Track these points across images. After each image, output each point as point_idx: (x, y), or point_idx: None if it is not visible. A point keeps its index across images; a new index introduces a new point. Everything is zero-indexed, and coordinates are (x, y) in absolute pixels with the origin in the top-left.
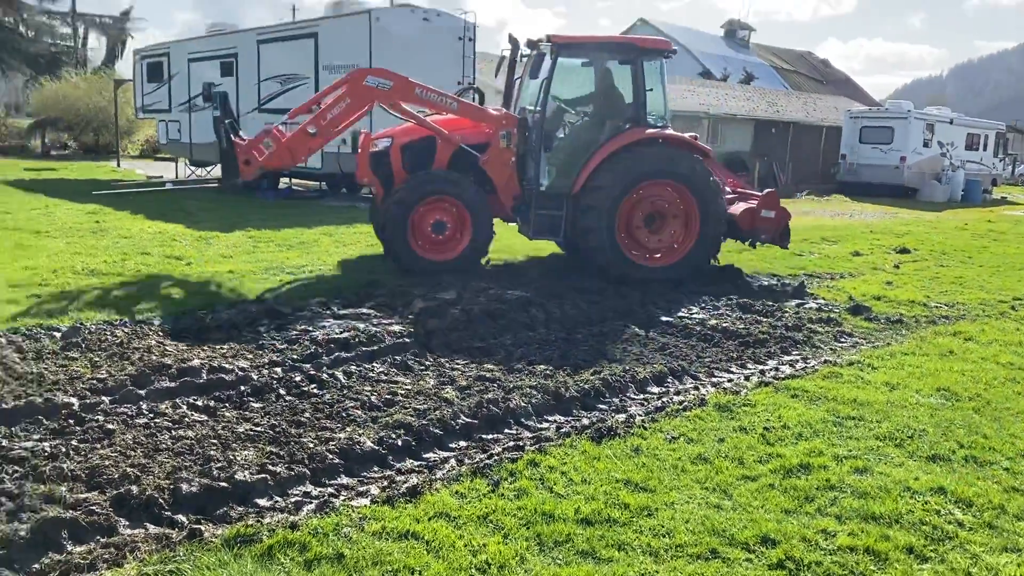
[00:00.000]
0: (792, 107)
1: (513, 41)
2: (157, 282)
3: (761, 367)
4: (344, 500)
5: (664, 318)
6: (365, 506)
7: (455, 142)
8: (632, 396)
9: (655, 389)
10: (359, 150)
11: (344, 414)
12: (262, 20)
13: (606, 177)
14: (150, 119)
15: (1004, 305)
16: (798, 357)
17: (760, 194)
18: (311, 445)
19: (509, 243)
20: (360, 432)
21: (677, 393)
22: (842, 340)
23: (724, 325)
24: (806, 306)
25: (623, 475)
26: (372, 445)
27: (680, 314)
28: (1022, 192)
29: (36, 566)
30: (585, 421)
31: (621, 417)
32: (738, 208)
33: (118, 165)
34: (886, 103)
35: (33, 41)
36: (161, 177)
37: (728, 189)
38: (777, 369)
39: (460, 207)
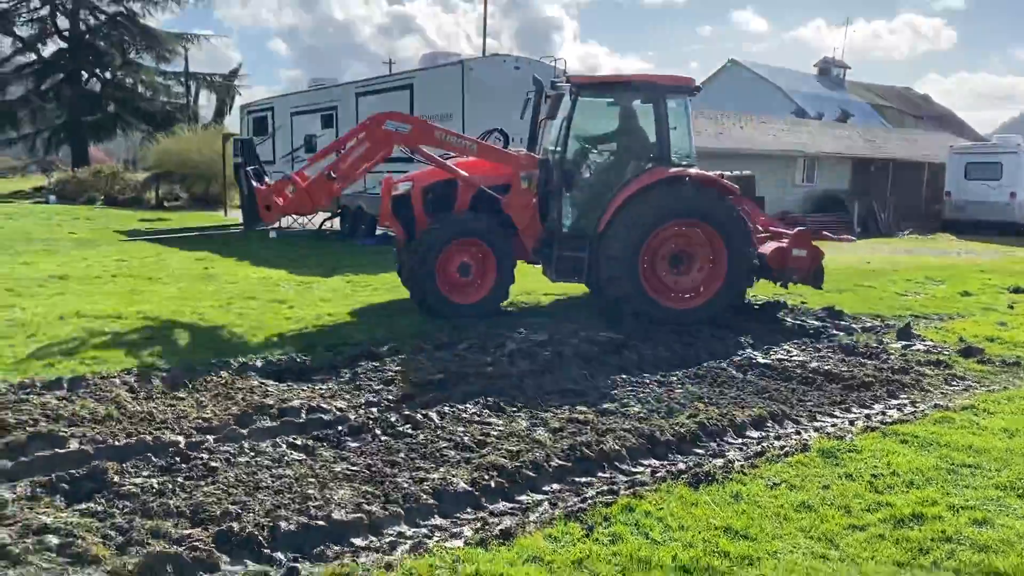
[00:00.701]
0: (892, 144)
1: (537, 83)
2: (261, 325)
3: (867, 411)
4: (437, 541)
5: (762, 360)
6: (459, 548)
7: (476, 184)
8: (730, 441)
9: (754, 434)
10: (383, 194)
11: (438, 454)
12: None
13: (629, 218)
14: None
15: None
16: (906, 401)
17: (791, 232)
18: (406, 485)
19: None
20: (454, 473)
21: (778, 438)
22: (953, 383)
23: (826, 368)
24: (913, 348)
25: (722, 522)
26: (465, 486)
27: (779, 356)
28: None
29: None
30: (681, 466)
31: (719, 462)
32: (768, 247)
33: (225, 214)
34: (993, 137)
35: (150, 100)
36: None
37: (760, 228)
38: (884, 413)
39: (486, 250)
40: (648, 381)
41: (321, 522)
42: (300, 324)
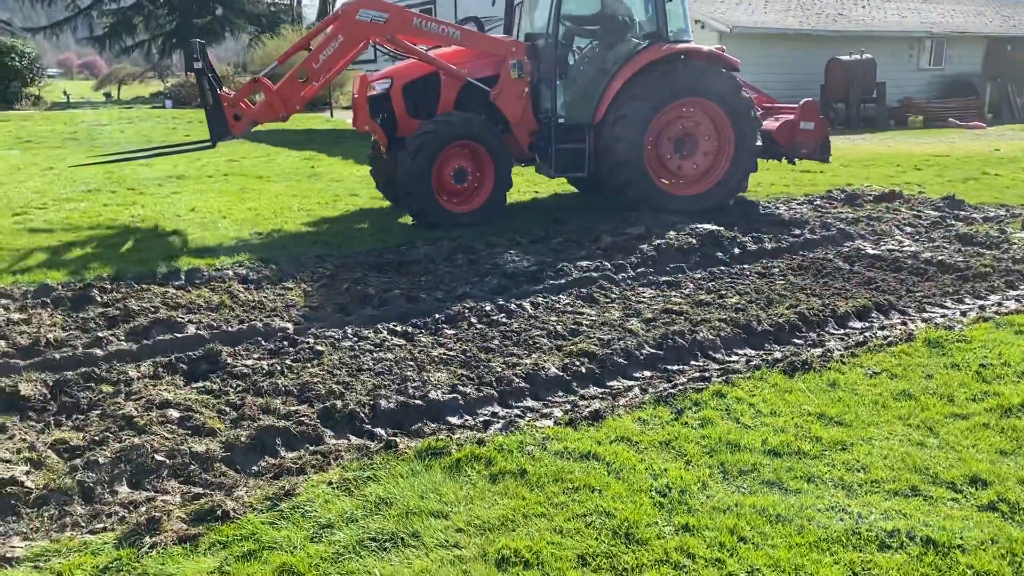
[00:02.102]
0: None
1: None
2: (363, 220)
3: (981, 302)
4: (529, 421)
5: (872, 251)
6: (549, 427)
7: (462, 76)
8: (831, 331)
9: (857, 324)
10: (355, 95)
11: (531, 342)
12: None
13: (629, 103)
14: (357, 70)
15: None
16: None
17: (795, 106)
18: (499, 369)
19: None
20: (545, 359)
21: (882, 328)
22: None
23: (940, 258)
24: None
25: (816, 408)
26: (556, 371)
27: (889, 247)
28: None
29: (254, 467)
30: (778, 355)
31: (817, 351)
32: (774, 123)
33: (331, 115)
34: None
35: (256, 2)
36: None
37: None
38: (1000, 304)
39: (481, 152)
40: (748, 273)
41: (418, 401)
42: (401, 219)
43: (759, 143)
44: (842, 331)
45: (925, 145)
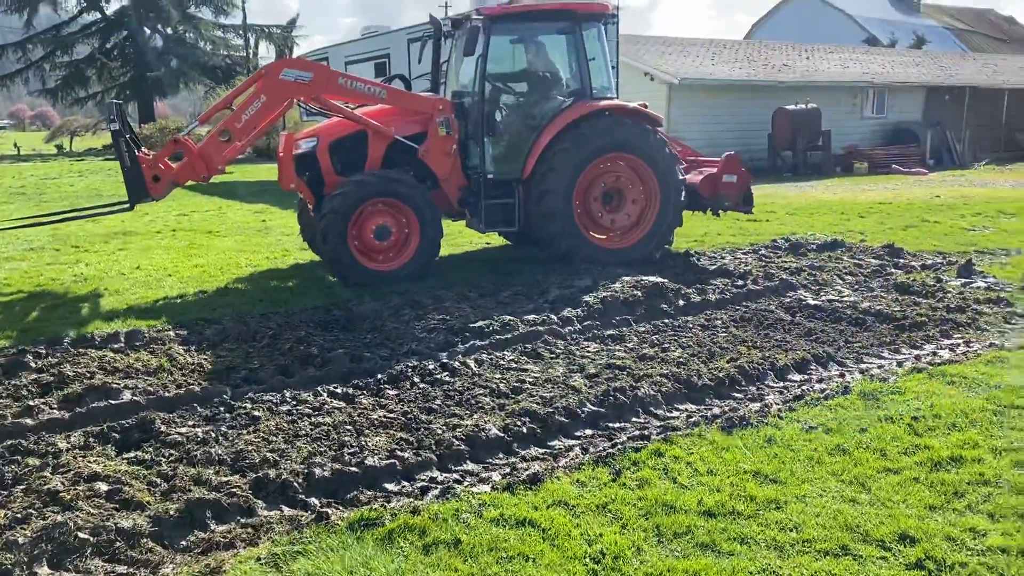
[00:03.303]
0: (968, 70)
1: (435, 21)
2: (312, 275)
3: (916, 352)
4: (466, 487)
5: (812, 301)
6: (486, 492)
7: (389, 134)
8: (771, 384)
9: (796, 377)
10: (281, 153)
11: (473, 401)
12: (416, 19)
13: (558, 157)
14: (314, 121)
15: None
16: (959, 341)
17: (718, 160)
18: (440, 431)
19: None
20: (487, 419)
21: (820, 381)
22: (1014, 322)
23: (878, 308)
24: (973, 285)
25: (752, 466)
26: (497, 432)
27: (830, 297)
28: None
29: (183, 543)
30: (716, 410)
31: (755, 406)
32: (697, 176)
33: None
34: None
35: (210, 54)
36: None
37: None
38: (935, 354)
39: (404, 208)
40: (691, 326)
41: (354, 468)
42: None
43: (683, 196)
44: (781, 384)
45: (869, 192)
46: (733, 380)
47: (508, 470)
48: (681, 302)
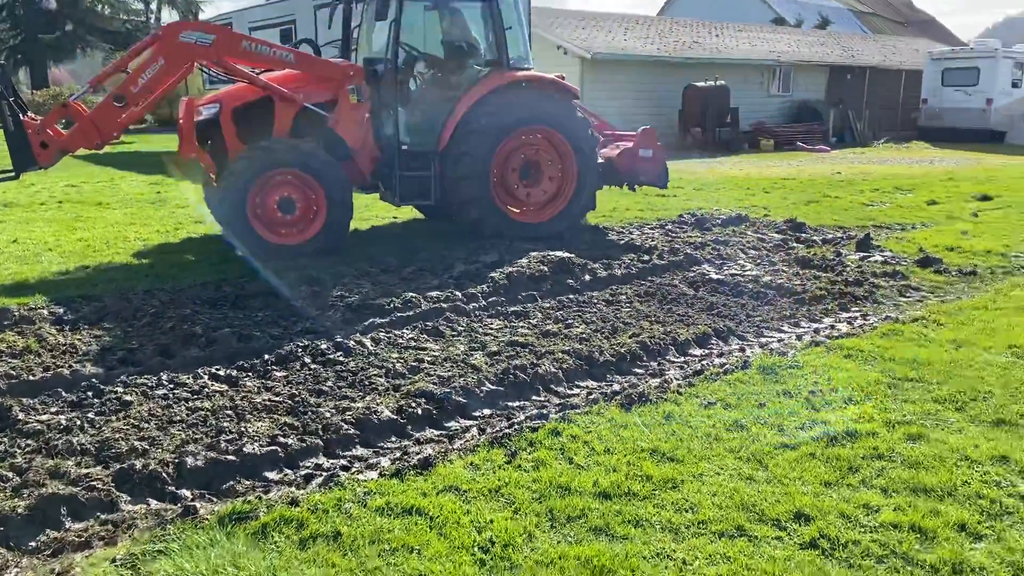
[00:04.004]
0: (869, 51)
1: None
2: (205, 249)
3: (816, 325)
4: (352, 474)
5: (715, 276)
6: (373, 479)
7: (297, 101)
8: (672, 359)
9: (697, 352)
10: (181, 120)
11: (367, 382)
12: None
13: (474, 128)
14: (216, 89)
15: None
16: (857, 314)
17: (634, 134)
18: (328, 415)
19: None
20: (380, 401)
21: (720, 355)
22: (908, 295)
23: (779, 282)
24: (871, 259)
25: (650, 444)
26: (390, 414)
27: (732, 271)
28: None
29: (32, 543)
30: (616, 387)
31: (656, 382)
32: (614, 151)
33: None
34: (972, 43)
35: (109, 18)
36: None
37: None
38: (833, 327)
39: (311, 181)
40: (596, 301)
41: (231, 456)
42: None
43: (600, 170)
44: (682, 359)
45: (774, 168)
46: (635, 356)
47: (399, 454)
48: (587, 277)
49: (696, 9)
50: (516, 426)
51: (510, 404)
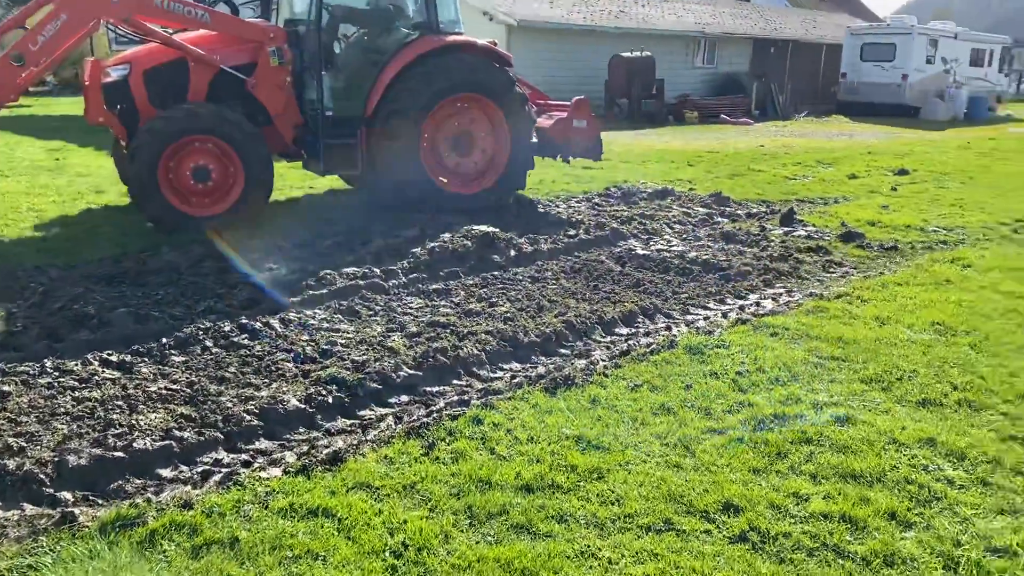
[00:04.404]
0: (791, 25)
1: None
2: (105, 221)
3: (741, 302)
4: (253, 470)
5: (642, 251)
6: (276, 478)
7: (213, 63)
8: (598, 339)
9: (624, 330)
10: (87, 82)
11: (274, 368)
12: None
13: (403, 97)
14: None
15: (1006, 228)
16: (782, 290)
17: (568, 104)
18: (230, 405)
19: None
20: (287, 389)
21: (647, 334)
22: (831, 270)
23: (704, 257)
24: (795, 234)
25: (575, 431)
26: (297, 403)
27: (659, 246)
28: None
29: None
30: (542, 369)
31: (581, 364)
32: (547, 121)
33: None
34: (888, 19)
35: None
36: None
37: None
38: (758, 304)
39: (227, 148)
40: (521, 278)
41: (119, 453)
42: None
43: (535, 140)
44: (608, 338)
45: (700, 141)
46: (560, 336)
47: (307, 448)
48: (513, 252)
49: None
50: (435, 414)
51: (429, 390)
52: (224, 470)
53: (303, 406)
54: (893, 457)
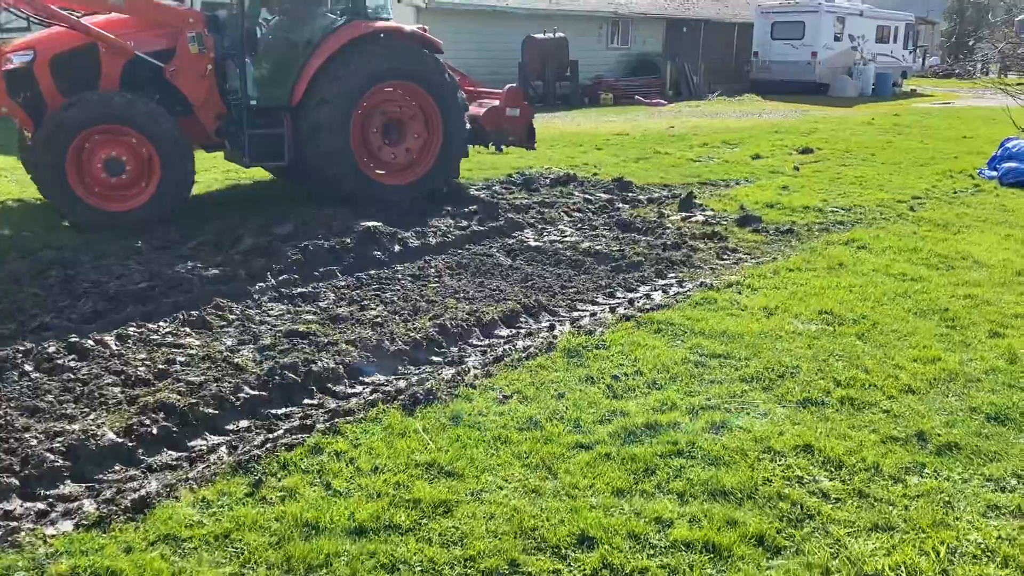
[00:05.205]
0: (703, 4)
1: None
2: None
3: (632, 295)
4: (41, 525)
5: (534, 243)
6: (64, 533)
7: (127, 50)
8: (475, 343)
9: (504, 332)
10: None
11: (97, 394)
12: None
13: (332, 85)
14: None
15: (902, 206)
16: (673, 281)
17: (500, 92)
18: (34, 443)
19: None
20: (104, 420)
21: (528, 335)
22: (725, 257)
23: (597, 248)
24: (692, 219)
25: (428, 456)
26: (114, 437)
27: (552, 237)
28: (931, 84)
29: None
30: (403, 384)
31: (449, 373)
32: (479, 109)
33: None
34: None
35: None
36: None
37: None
38: (648, 297)
39: (140, 138)
40: (401, 276)
41: None
42: (10, 221)
43: (467, 128)
44: (486, 342)
45: (611, 123)
46: (432, 342)
47: (113, 492)
48: (397, 248)
49: None
50: (270, 443)
51: (274, 412)
52: (7, 525)
53: (121, 440)
54: (767, 469)
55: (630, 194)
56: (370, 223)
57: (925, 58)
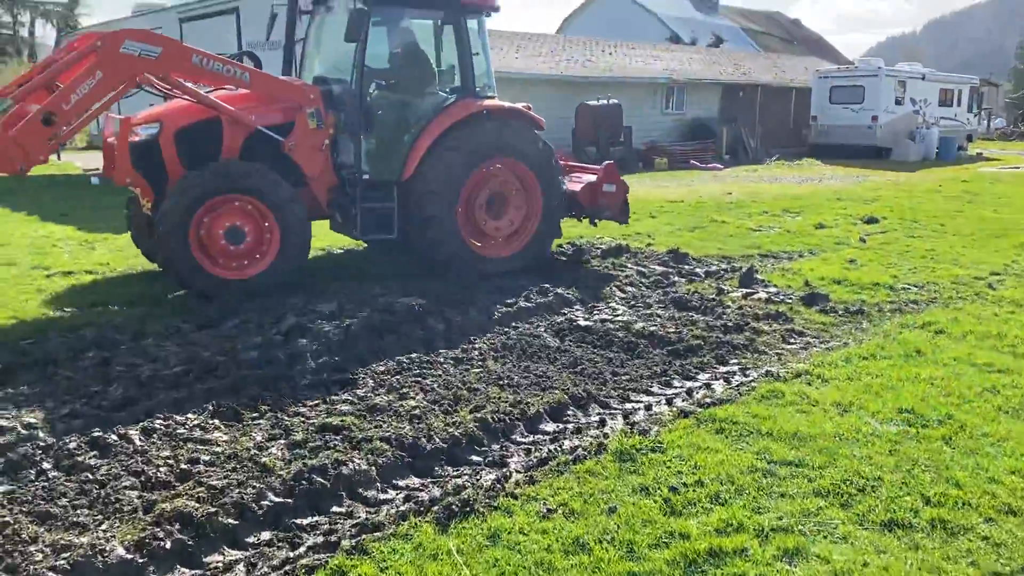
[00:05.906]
0: (760, 69)
1: None
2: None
3: (689, 384)
4: None
5: (583, 322)
6: None
7: (248, 123)
8: (518, 439)
9: (550, 427)
10: (112, 139)
11: (113, 499)
12: None
13: (443, 159)
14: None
15: (980, 283)
16: (736, 368)
17: (597, 168)
18: (39, 559)
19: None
20: (115, 532)
21: (577, 431)
22: (792, 341)
23: (652, 329)
24: (754, 296)
25: None
26: (123, 553)
27: (603, 316)
28: (997, 147)
29: None
30: (438, 492)
31: (490, 479)
32: (577, 184)
33: (59, 158)
34: (857, 62)
35: None
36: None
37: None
38: (708, 387)
39: (261, 207)
40: (443, 360)
41: None
42: (49, 298)
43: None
44: (530, 439)
45: (665, 188)
46: (472, 439)
47: None
48: (441, 326)
49: (594, 28)
50: (290, 564)
51: (298, 522)
52: None
53: (131, 556)
54: None
55: (686, 267)
56: (414, 300)
57: (990, 120)
